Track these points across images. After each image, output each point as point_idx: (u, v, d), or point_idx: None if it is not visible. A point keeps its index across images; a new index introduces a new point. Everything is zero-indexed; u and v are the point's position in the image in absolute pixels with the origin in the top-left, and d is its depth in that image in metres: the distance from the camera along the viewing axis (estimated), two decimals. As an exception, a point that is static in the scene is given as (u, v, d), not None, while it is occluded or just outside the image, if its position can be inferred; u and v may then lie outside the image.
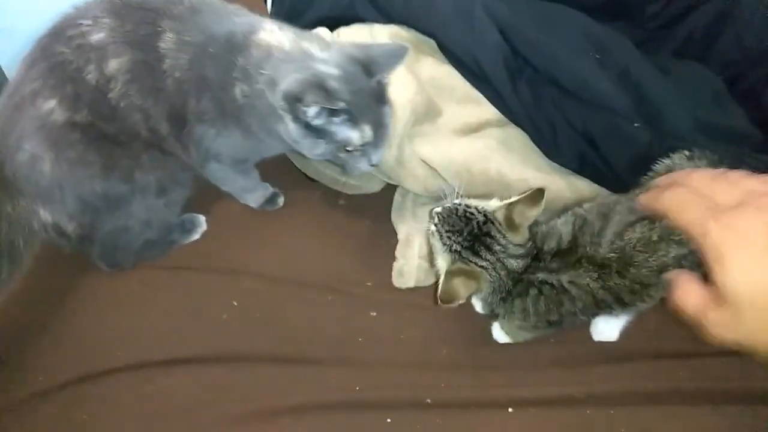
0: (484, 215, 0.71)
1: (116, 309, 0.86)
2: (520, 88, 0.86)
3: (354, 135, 0.77)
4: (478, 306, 0.80)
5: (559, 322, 0.73)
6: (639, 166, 0.82)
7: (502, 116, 0.90)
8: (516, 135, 0.90)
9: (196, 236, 0.93)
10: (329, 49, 0.79)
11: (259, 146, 0.87)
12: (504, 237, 0.70)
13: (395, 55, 0.78)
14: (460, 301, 0.70)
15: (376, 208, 0.95)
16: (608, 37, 0.87)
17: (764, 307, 0.47)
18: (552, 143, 0.86)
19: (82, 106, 0.77)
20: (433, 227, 0.73)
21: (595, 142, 0.83)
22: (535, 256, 0.71)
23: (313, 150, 0.80)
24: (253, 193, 0.96)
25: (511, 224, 0.70)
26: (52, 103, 0.76)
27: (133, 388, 0.79)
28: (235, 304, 0.85)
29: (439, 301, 0.69)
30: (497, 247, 0.70)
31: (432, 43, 0.94)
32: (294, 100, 0.73)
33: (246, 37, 0.79)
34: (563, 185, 0.86)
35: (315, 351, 0.81)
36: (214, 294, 0.86)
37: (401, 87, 0.88)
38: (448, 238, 0.71)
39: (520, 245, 0.70)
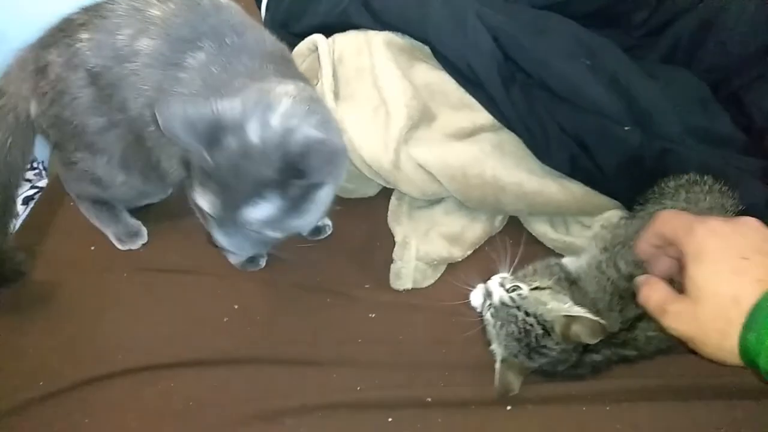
0: (543, 327, 0.71)
1: (117, 313, 0.86)
2: (513, 93, 0.88)
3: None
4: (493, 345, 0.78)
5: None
6: (630, 168, 0.85)
7: (495, 121, 0.92)
8: (509, 139, 0.92)
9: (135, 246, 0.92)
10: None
11: None
12: (558, 345, 0.71)
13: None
14: (514, 393, 0.72)
15: (373, 212, 0.97)
16: (598, 44, 0.90)
17: (721, 310, 0.50)
18: (544, 147, 0.88)
19: None
20: (489, 316, 0.75)
21: (587, 145, 0.86)
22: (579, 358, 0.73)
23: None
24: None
25: (567, 337, 0.71)
26: None
27: (134, 392, 0.79)
28: (236, 307, 0.86)
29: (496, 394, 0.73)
30: (552, 354, 0.71)
31: (426, 49, 0.96)
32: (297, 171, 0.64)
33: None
34: (555, 188, 0.89)
35: (316, 352, 0.82)
36: (214, 297, 0.87)
37: (397, 92, 0.90)
38: (505, 338, 0.73)
39: (573, 350, 0.72)
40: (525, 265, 0.81)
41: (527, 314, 0.72)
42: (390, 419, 0.76)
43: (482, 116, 0.93)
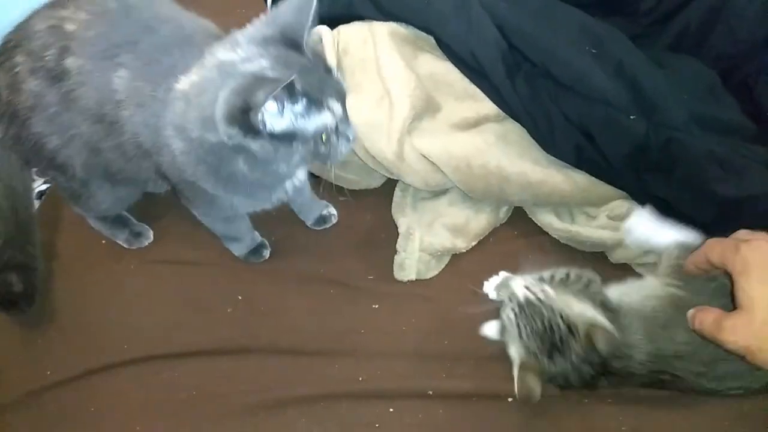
0: (567, 327, 0.70)
1: (122, 303, 0.87)
2: (517, 82, 0.87)
3: (327, 117, 0.64)
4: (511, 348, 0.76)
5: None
6: (635, 157, 0.84)
7: (499, 111, 0.91)
8: (514, 129, 0.91)
9: (141, 245, 0.93)
10: (239, 45, 0.64)
11: (227, 203, 0.76)
12: (582, 349, 0.70)
13: (303, 11, 0.63)
14: (536, 398, 0.70)
15: (378, 203, 0.96)
16: (604, 32, 0.88)
17: None
18: (549, 136, 0.87)
19: None
20: (511, 313, 0.73)
21: (592, 134, 0.84)
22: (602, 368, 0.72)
23: (291, 161, 0.66)
24: (238, 242, 0.90)
25: (590, 340, 0.69)
26: None
27: (139, 381, 0.81)
28: (240, 298, 0.87)
29: (518, 397, 0.71)
30: (573, 357, 0.70)
31: (430, 39, 0.96)
32: (242, 113, 0.58)
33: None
34: (560, 178, 0.88)
35: (319, 343, 0.82)
36: (218, 288, 0.88)
37: (400, 83, 0.90)
38: (528, 337, 0.72)
39: (592, 357, 0.70)
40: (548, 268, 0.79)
41: (553, 311, 0.71)
42: (391, 410, 0.76)
43: (486, 106, 0.92)
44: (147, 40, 0.69)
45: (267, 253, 0.91)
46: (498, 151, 0.88)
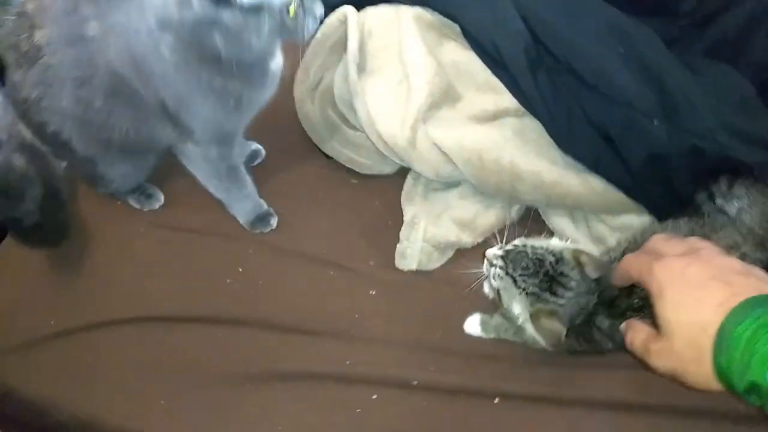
0: (554, 255, 0.70)
1: (128, 264, 0.90)
2: (539, 76, 0.84)
3: None
4: (515, 308, 0.74)
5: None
6: (656, 165, 0.80)
7: (519, 106, 0.88)
8: (533, 126, 0.89)
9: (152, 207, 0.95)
10: None
11: (225, 101, 0.77)
12: (578, 274, 0.69)
13: None
14: (563, 333, 0.69)
15: (388, 190, 0.95)
16: (635, 31, 0.84)
17: (692, 339, 0.52)
18: (567, 135, 0.84)
19: None
20: (500, 270, 0.72)
21: (612, 137, 0.81)
22: (600, 297, 0.71)
23: (261, 33, 0.69)
24: (243, 204, 0.91)
25: (580, 265, 0.70)
26: None
27: (136, 340, 0.83)
28: (240, 270, 0.87)
29: (546, 346, 0.70)
30: (572, 284, 0.69)
31: (456, 27, 0.93)
32: None
33: None
34: (576, 181, 0.85)
35: (312, 322, 0.82)
36: (221, 258, 0.89)
37: (420, 69, 0.89)
38: (523, 281, 0.70)
39: (588, 283, 0.70)
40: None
41: (534, 248, 0.71)
42: (375, 396, 0.76)
43: (506, 99, 0.89)
44: None
45: (275, 222, 0.92)
46: (513, 147, 0.86)
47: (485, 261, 0.75)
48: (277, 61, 0.80)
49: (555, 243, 0.73)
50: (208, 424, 0.77)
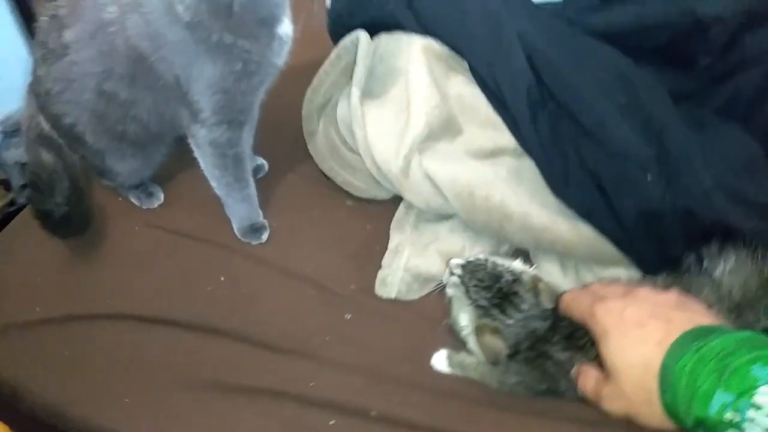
0: (512, 274, 0.71)
1: (117, 260, 0.92)
2: (539, 118, 0.83)
3: None
4: (462, 318, 0.75)
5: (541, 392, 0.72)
6: (647, 220, 0.78)
7: (518, 146, 0.88)
8: (530, 167, 0.87)
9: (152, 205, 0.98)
10: None
11: (233, 62, 0.78)
12: (532, 298, 0.70)
13: None
14: (505, 351, 0.69)
15: (382, 215, 0.95)
16: (642, 83, 0.83)
17: (638, 381, 0.53)
18: (561, 180, 0.83)
19: None
20: (456, 279, 0.73)
21: (605, 188, 0.79)
22: (552, 326, 0.70)
23: None
24: (240, 206, 0.92)
25: (536, 291, 0.70)
26: None
27: (114, 336, 0.84)
28: (222, 279, 0.89)
29: (486, 361, 0.70)
30: (524, 307, 0.69)
31: (465, 61, 0.93)
32: None
33: None
34: (566, 227, 0.83)
35: (283, 339, 0.82)
36: (207, 265, 0.90)
37: (421, 99, 0.89)
38: (476, 292, 0.71)
39: (543, 310, 0.70)
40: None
41: (495, 264, 0.71)
42: (332, 422, 0.75)
43: (506, 138, 0.89)
44: None
45: (266, 236, 0.93)
46: (506, 186, 0.85)
47: (446, 269, 0.75)
48: (285, 27, 0.81)
49: (517, 264, 0.74)
50: (169, 428, 0.78)
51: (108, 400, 0.79)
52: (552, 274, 0.86)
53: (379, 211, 0.96)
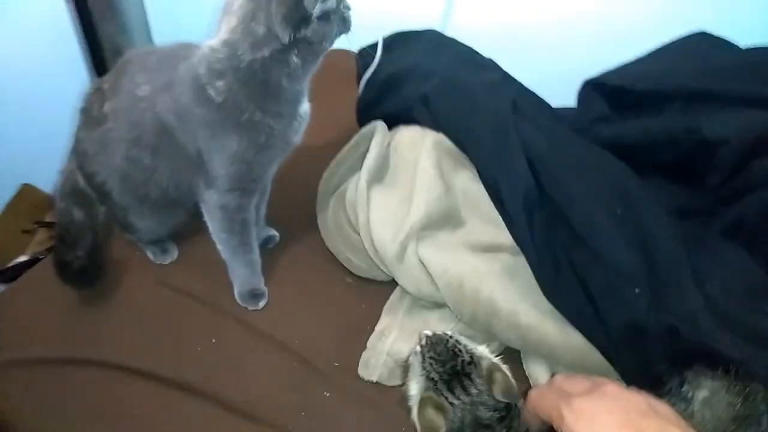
0: (471, 356, 0.71)
1: (121, 310, 0.95)
2: (535, 220, 0.85)
3: None
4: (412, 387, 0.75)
5: None
6: (632, 335, 0.77)
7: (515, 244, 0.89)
8: (525, 266, 0.88)
9: (165, 261, 1.03)
10: None
11: (257, 137, 0.84)
12: (483, 384, 0.69)
13: None
14: (442, 430, 0.68)
15: (378, 296, 0.97)
16: (640, 195, 0.84)
17: None
18: (552, 283, 0.83)
19: None
20: (418, 348, 0.74)
21: (593, 296, 0.79)
22: (503, 419, 0.69)
23: (332, 35, 0.80)
24: (244, 270, 0.96)
25: (491, 380, 0.70)
26: None
27: (101, 384, 0.86)
28: (213, 341, 0.91)
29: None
30: (473, 391, 0.69)
31: (474, 158, 0.97)
32: (295, 10, 0.74)
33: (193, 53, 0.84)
34: (554, 330, 0.82)
35: (257, 409, 0.83)
36: (200, 325, 0.93)
37: (424, 189, 0.92)
38: (430, 365, 0.71)
39: (495, 399, 0.69)
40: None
41: (458, 341, 0.72)
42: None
43: (504, 236, 0.90)
44: (153, 57, 0.88)
45: (262, 304, 0.96)
46: (496, 282, 0.86)
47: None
48: (305, 106, 0.89)
49: (482, 350, 0.73)
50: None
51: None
52: (539, 377, 0.85)
53: (377, 292, 0.98)
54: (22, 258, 1.69)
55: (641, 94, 1.00)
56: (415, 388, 0.72)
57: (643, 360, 0.75)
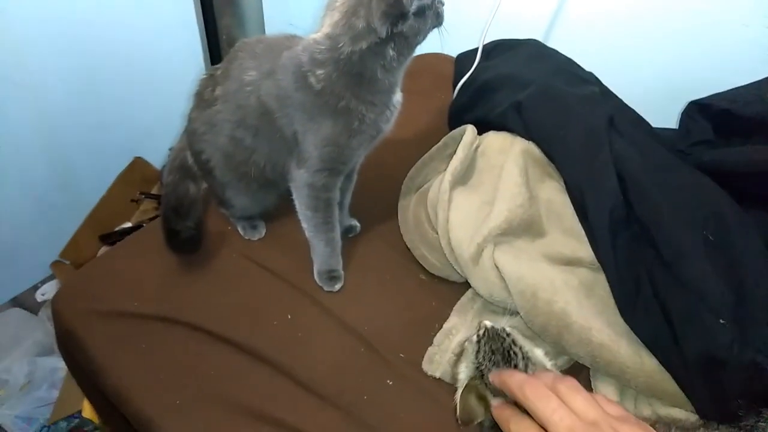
0: (525, 363, 0.71)
1: (210, 280, 1.02)
2: (619, 239, 0.83)
3: None
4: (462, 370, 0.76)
5: None
6: (711, 367, 0.73)
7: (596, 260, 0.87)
8: (605, 284, 0.86)
9: (253, 238, 1.09)
10: None
11: (350, 123, 0.89)
12: None
13: None
14: (479, 419, 0.69)
15: (450, 296, 0.98)
16: (737, 225, 0.80)
17: None
18: (630, 304, 0.81)
19: None
20: (474, 337, 0.75)
21: (673, 321, 0.76)
22: None
23: (426, 29, 0.84)
24: (324, 250, 1.00)
25: None
26: None
27: (184, 342, 0.92)
28: (289, 317, 0.96)
29: (458, 420, 0.70)
30: None
31: (562, 169, 0.96)
32: (394, 6, 0.78)
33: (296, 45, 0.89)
34: (627, 352, 0.80)
35: (322, 386, 0.86)
36: (278, 301, 0.98)
37: (507, 195, 0.92)
38: (483, 358, 0.72)
39: None
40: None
41: (514, 342, 0.72)
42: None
43: (585, 250, 0.89)
44: (261, 45, 0.94)
45: (338, 287, 1.00)
46: (573, 296, 0.84)
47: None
48: (398, 96, 0.93)
49: (539, 354, 0.73)
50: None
51: (161, 396, 0.88)
52: (606, 395, 0.82)
53: (449, 291, 0.99)
54: (126, 224, 1.85)
55: (750, 120, 0.95)
56: (464, 372, 0.73)
57: (719, 392, 0.71)
